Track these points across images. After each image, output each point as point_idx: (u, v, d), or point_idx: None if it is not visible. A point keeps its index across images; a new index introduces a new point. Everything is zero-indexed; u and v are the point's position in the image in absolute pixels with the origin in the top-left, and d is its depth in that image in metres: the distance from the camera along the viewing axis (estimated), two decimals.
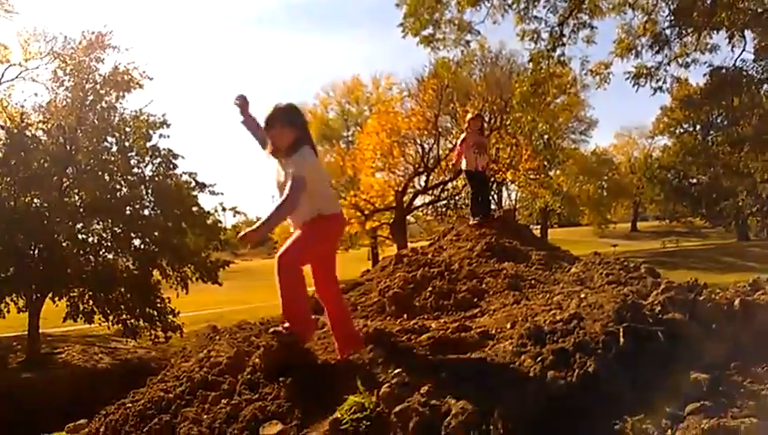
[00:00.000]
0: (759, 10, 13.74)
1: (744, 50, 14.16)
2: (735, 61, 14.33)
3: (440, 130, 31.45)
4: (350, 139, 41.70)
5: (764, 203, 26.71)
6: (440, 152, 32.00)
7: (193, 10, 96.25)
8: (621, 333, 2.91)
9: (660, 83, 14.40)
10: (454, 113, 32.97)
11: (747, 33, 14.05)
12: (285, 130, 3.90)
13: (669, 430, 2.47)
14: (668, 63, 14.45)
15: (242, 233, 3.72)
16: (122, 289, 18.24)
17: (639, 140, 53.89)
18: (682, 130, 39.38)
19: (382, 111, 32.73)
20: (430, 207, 36.06)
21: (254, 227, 3.75)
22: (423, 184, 33.36)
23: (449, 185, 33.54)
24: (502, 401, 2.64)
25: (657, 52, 14.15)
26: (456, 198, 34.53)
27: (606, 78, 15.06)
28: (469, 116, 9.66)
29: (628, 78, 14.55)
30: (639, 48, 14.41)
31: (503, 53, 34.32)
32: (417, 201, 34.36)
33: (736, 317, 3.19)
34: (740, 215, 33.81)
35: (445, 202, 35.66)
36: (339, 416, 3.06)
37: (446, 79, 30.38)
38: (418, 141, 32.72)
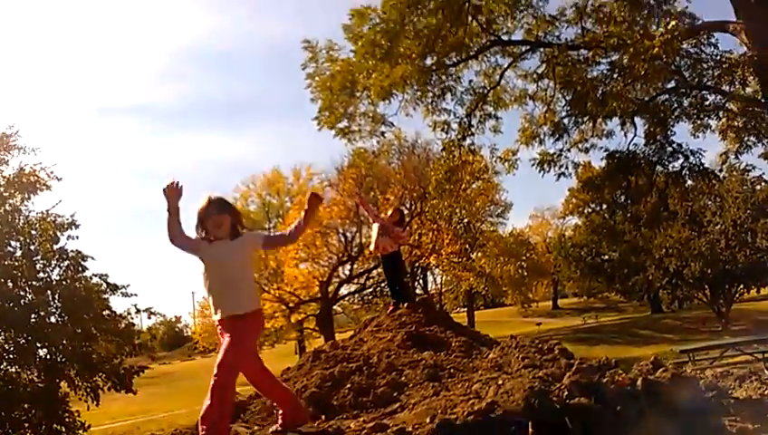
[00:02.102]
0: (645, 98, 15.14)
1: (635, 135, 15.45)
2: (629, 145, 15.56)
3: (362, 218, 31.91)
4: (271, 231, 41.47)
5: (671, 276, 28.31)
6: (363, 240, 32.30)
7: (104, 105, 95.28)
8: (530, 425, 2.90)
9: (562, 169, 15.34)
10: (375, 201, 33.69)
11: (637, 119, 15.38)
12: (225, 217, 4.18)
13: None
14: (569, 149, 15.49)
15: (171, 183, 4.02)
16: (26, 405, 16.67)
17: (552, 220, 56.66)
18: (590, 210, 41.72)
19: (303, 202, 32.94)
20: (356, 295, 35.95)
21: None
22: (348, 273, 33.40)
23: (374, 272, 33.68)
24: None
25: (558, 139, 15.17)
26: (382, 285, 34.58)
27: (514, 164, 15.91)
28: (390, 211, 9.80)
29: (533, 164, 15.43)
30: (542, 136, 15.42)
31: (418, 141, 35.79)
32: (343, 290, 34.29)
33: (640, 397, 3.26)
34: (651, 288, 35.57)
35: (371, 290, 35.66)
36: None
37: (363, 168, 31.21)
38: (341, 230, 33.04)
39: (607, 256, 40.87)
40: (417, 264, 35.37)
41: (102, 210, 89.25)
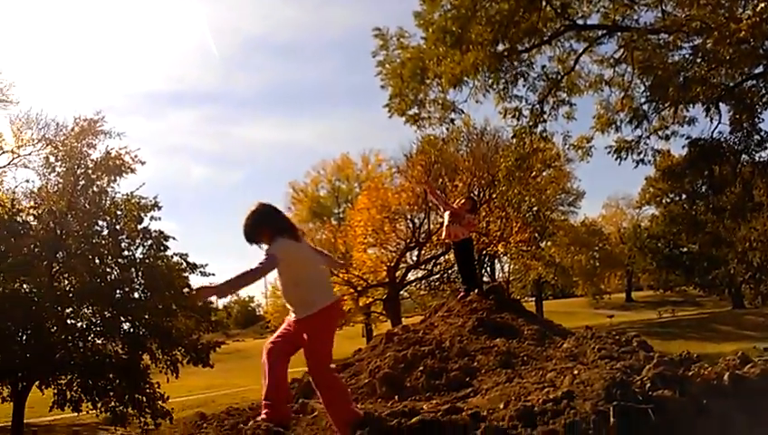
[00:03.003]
0: (731, 84, 14.33)
1: (719, 122, 14.66)
2: (713, 132, 14.78)
3: (430, 204, 31.82)
4: (341, 215, 42.12)
5: (755, 271, 26.78)
6: (431, 227, 32.24)
7: (178, 92, 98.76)
8: (611, 413, 2.88)
9: (642, 156, 14.76)
10: (443, 188, 33.52)
11: (722, 105, 14.59)
12: (263, 238, 4.20)
13: None
14: (648, 137, 14.85)
15: (199, 287, 4.05)
16: (111, 375, 17.81)
17: (627, 210, 54.69)
18: (668, 200, 39.98)
19: (372, 187, 33.25)
20: (423, 281, 35.97)
21: (214, 284, 4.05)
22: (415, 259, 33.43)
23: (441, 259, 33.61)
24: None
25: (637, 126, 14.59)
26: (449, 271, 34.51)
27: (588, 151, 15.43)
28: (459, 200, 9.79)
29: (609, 152, 14.93)
30: (618, 123, 14.86)
31: (487, 129, 35.26)
32: (410, 276, 34.32)
33: (727, 392, 3.17)
34: (733, 283, 33.82)
35: (438, 276, 35.61)
36: None
37: (432, 155, 31.06)
38: (409, 217, 33.04)
39: (685, 249, 39.15)
40: (484, 252, 35.00)
41: (180, 194, 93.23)
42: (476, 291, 8.63)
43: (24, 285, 18.54)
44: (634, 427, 2.90)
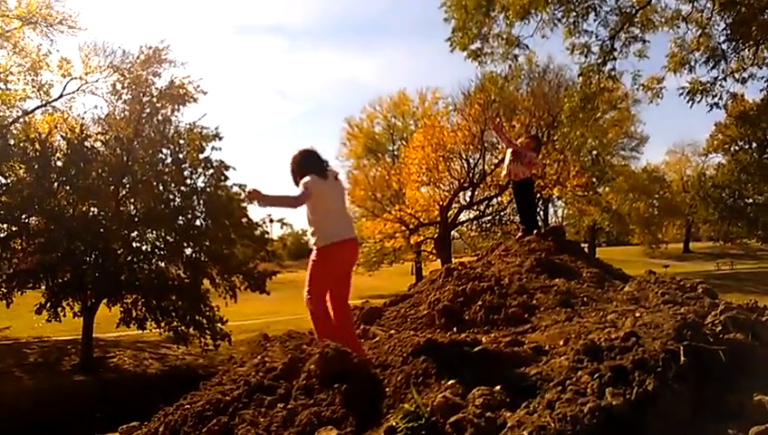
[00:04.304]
0: None
1: None
2: None
3: (486, 144, 31.31)
4: (395, 153, 41.98)
5: None
6: (486, 167, 31.82)
7: (239, 26, 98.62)
8: (682, 352, 2.87)
9: (716, 99, 13.99)
10: (502, 128, 32.88)
11: None
12: (300, 177, 4.91)
13: None
14: (724, 78, 14.02)
15: (253, 188, 4.74)
16: (174, 297, 18.76)
17: (693, 157, 52.50)
18: (737, 148, 38.02)
19: (428, 125, 32.85)
20: (475, 222, 35.83)
21: (264, 193, 4.78)
22: (468, 199, 33.23)
23: (494, 200, 33.30)
24: (559, 415, 2.64)
25: (714, 66, 13.78)
26: (502, 213, 34.23)
27: (658, 93, 14.70)
28: (522, 138, 9.58)
29: (681, 93, 14.21)
30: (693, 63, 14.06)
31: (550, 67, 34.09)
32: (462, 216, 34.22)
33: None
34: None
35: (489, 218, 35.39)
36: (393, 424, 3.10)
37: (492, 93, 30.29)
38: (464, 156, 32.65)
39: (751, 200, 37.46)
40: (539, 195, 34.46)
41: (240, 124, 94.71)
42: (535, 232, 8.57)
43: (93, 209, 19.47)
44: (704, 369, 2.89)
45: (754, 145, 36.27)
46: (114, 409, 11.20)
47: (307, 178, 4.82)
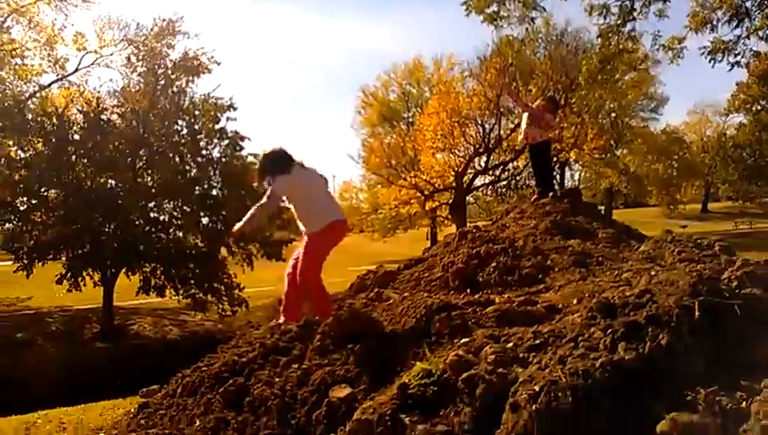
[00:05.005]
0: None
1: None
2: None
3: (502, 109, 30.92)
4: (410, 120, 41.67)
5: None
6: (501, 132, 31.50)
7: None
8: (697, 307, 2.85)
9: (738, 58, 13.61)
10: (516, 93, 32.39)
11: None
12: (266, 178, 5.41)
13: (744, 402, 2.42)
14: (747, 37, 13.62)
15: (233, 229, 5.70)
16: (191, 265, 19.00)
17: (713, 117, 51.46)
18: (759, 108, 37.16)
19: (443, 91, 32.47)
20: (490, 187, 35.64)
21: (238, 226, 5.47)
22: (483, 164, 32.98)
23: (510, 165, 33.04)
24: (570, 370, 2.64)
25: (737, 25, 13.38)
26: (517, 178, 33.99)
27: (679, 53, 14.30)
28: (538, 101, 9.46)
29: (703, 53, 13.84)
30: (715, 21, 13.65)
31: (568, 30, 33.35)
32: (477, 182, 34.05)
33: None
34: None
35: (505, 182, 35.16)
36: (406, 381, 3.13)
37: (509, 57, 29.76)
38: (479, 122, 32.30)
39: None
40: (555, 158, 34.10)
41: (255, 95, 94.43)
42: (551, 195, 8.50)
43: (111, 181, 19.64)
44: (720, 324, 2.87)
45: None
46: (136, 373, 11.44)
47: (275, 181, 5.18)
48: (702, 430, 2.24)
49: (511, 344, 3.30)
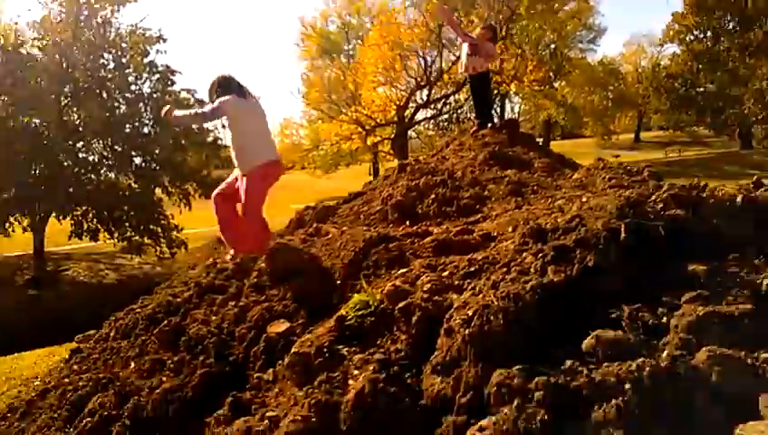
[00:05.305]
0: None
1: None
2: None
3: (444, 41, 30.55)
4: (351, 53, 40.70)
5: None
6: (443, 65, 31.23)
7: None
8: (623, 229, 2.92)
9: None
10: (458, 23, 31.97)
11: None
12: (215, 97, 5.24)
13: (665, 318, 2.53)
14: None
15: (170, 107, 5.31)
16: (125, 207, 18.38)
17: (649, 48, 52.43)
18: (692, 38, 38.04)
19: (384, 22, 31.71)
20: (432, 121, 35.64)
21: (179, 112, 5.35)
22: (425, 98, 32.81)
23: (452, 98, 33.00)
24: (502, 294, 2.69)
25: None
26: (459, 111, 34.05)
27: None
28: (477, 30, 9.33)
29: None
30: None
31: None
32: (419, 115, 33.95)
33: (738, 213, 3.19)
34: (744, 123, 33.14)
35: (447, 116, 35.21)
36: (344, 313, 3.14)
37: None
38: (421, 54, 31.90)
39: (702, 88, 37.98)
40: (496, 91, 34.23)
41: (184, 27, 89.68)
42: (489, 126, 8.54)
43: (34, 119, 18.51)
44: (645, 245, 2.96)
45: (709, 34, 36.29)
46: (72, 320, 11.14)
47: (224, 98, 5.00)
48: (625, 346, 2.33)
49: (447, 273, 3.34)
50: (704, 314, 2.42)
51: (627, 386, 2.11)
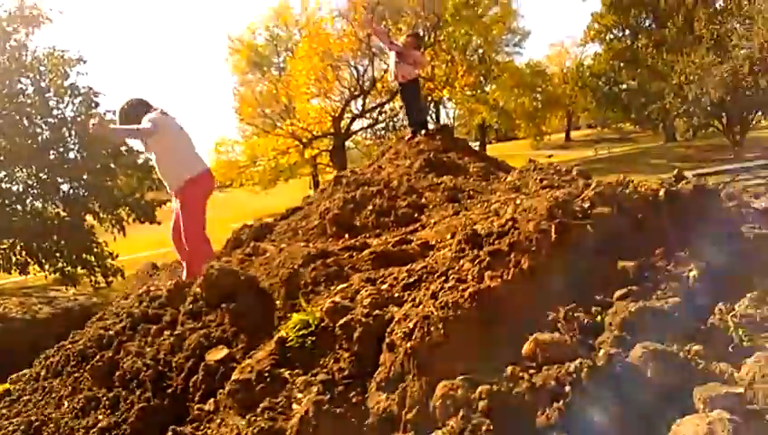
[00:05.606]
0: None
1: None
2: None
3: (374, 50, 30.73)
4: (281, 65, 40.40)
5: (689, 104, 27.43)
6: (375, 74, 31.42)
7: None
8: (553, 230, 2.98)
9: None
10: (387, 31, 32.22)
11: None
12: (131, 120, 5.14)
13: (599, 316, 2.59)
14: None
15: (102, 120, 5.45)
16: (55, 237, 17.55)
17: (572, 49, 54.35)
18: (611, 37, 39.70)
19: (313, 33, 31.65)
20: (369, 130, 35.76)
21: (110, 125, 5.29)
22: (360, 108, 32.92)
23: (387, 107, 33.20)
24: (441, 303, 2.69)
25: None
26: (395, 119, 34.31)
27: None
28: (402, 38, 9.44)
29: None
30: None
31: None
32: (356, 125, 34.00)
33: (661, 207, 3.31)
34: (667, 117, 34.79)
35: (383, 125, 35.41)
36: (284, 334, 3.07)
37: None
38: (352, 63, 32.01)
39: (624, 85, 39.63)
40: (429, 97, 34.69)
41: (104, 47, 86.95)
42: (424, 132, 8.62)
43: None
44: (575, 243, 3.02)
45: (627, 32, 37.92)
46: (4, 359, 10.52)
47: (154, 114, 4.90)
48: (562, 347, 2.36)
49: (386, 285, 3.32)
50: (636, 310, 2.48)
51: (567, 388, 2.13)
